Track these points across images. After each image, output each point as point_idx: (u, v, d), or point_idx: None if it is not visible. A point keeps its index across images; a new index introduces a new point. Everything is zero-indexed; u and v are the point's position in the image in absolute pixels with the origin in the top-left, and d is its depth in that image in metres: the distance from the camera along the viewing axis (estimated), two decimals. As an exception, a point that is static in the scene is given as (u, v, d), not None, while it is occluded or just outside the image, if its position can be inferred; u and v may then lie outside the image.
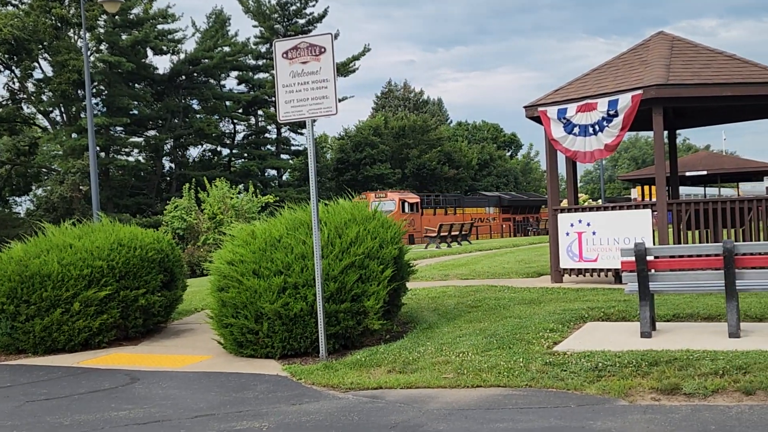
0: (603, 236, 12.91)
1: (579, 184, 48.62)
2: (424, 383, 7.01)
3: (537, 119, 13.60)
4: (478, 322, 9.62)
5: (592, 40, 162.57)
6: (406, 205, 44.81)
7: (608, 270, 13.02)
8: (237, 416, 6.34)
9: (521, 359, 7.32)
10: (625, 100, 12.24)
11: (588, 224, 13.09)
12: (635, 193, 44.13)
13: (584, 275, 13.42)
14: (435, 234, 31.83)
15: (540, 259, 18.44)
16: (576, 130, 12.81)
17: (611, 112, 12.39)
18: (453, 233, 32.74)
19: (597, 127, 12.57)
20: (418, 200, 47.00)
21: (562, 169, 14.80)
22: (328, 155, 65.95)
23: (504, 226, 55.31)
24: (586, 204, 17.62)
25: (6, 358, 9.85)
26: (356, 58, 59.51)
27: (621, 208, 13.17)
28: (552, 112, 13.12)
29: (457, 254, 25.18)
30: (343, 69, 58.42)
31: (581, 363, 6.99)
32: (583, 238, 13.11)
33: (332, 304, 8.63)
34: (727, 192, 48.50)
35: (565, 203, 15.70)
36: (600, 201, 54.54)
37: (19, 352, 10.02)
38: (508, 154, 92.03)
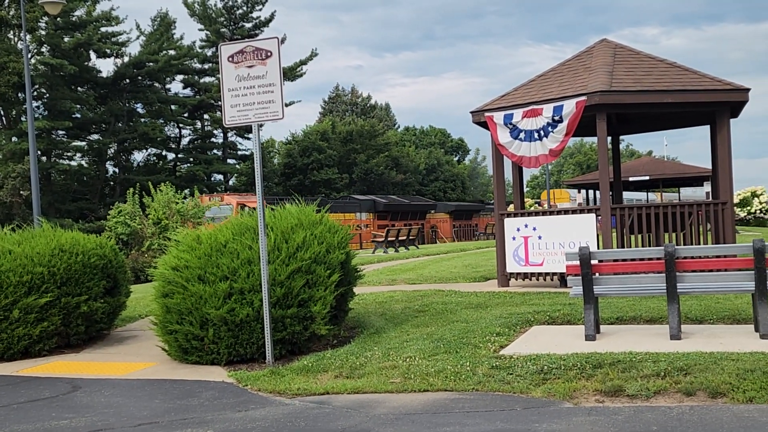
0: (549, 240, 13.05)
1: (525, 189, 48.54)
2: (371, 388, 6.99)
3: (484, 124, 13.71)
4: (425, 327, 9.65)
5: (538, 47, 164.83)
6: (247, 209, 36.57)
7: (554, 274, 13.17)
8: (181, 424, 6.25)
9: (468, 363, 7.36)
10: (569, 106, 12.41)
11: (534, 229, 13.22)
12: (581, 196, 44.66)
13: (530, 279, 13.55)
14: (383, 239, 31.86)
15: (487, 264, 18.59)
16: (522, 135, 12.95)
17: (556, 118, 12.55)
18: (400, 238, 32.81)
19: (542, 133, 12.72)
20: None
21: (509, 174, 14.94)
22: (275, 160, 65.57)
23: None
24: (531, 209, 17.81)
25: (-59, 368, 9.57)
26: (303, 62, 59.32)
27: (566, 212, 13.34)
28: (498, 117, 13.24)
29: (405, 259, 25.24)
30: (290, 73, 58.16)
31: (527, 366, 7.05)
32: (530, 242, 13.24)
33: (279, 309, 8.57)
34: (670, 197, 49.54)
35: (511, 208, 15.85)
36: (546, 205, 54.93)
37: (-44, 361, 9.75)
38: (456, 158, 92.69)
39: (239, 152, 61.56)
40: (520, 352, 7.71)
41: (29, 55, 32.36)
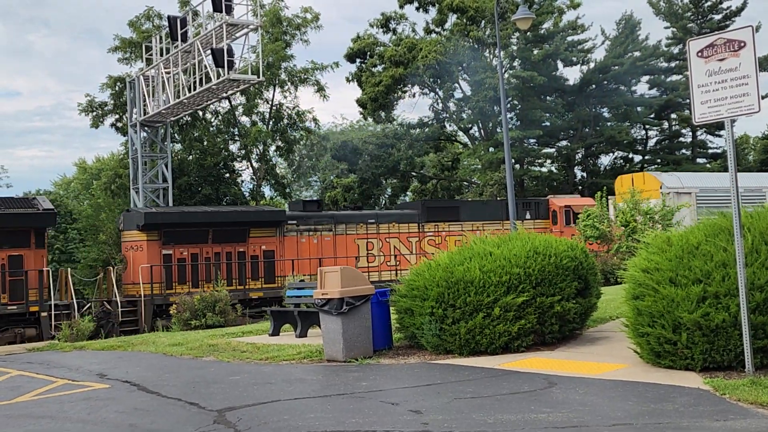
0: None
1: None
2: None
3: None
4: None
5: None
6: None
7: None
8: (656, 428, 6.20)
9: None
10: None
11: None
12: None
13: None
14: None
15: None
16: None
17: None
18: None
19: None
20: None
21: None
22: (750, 157, 61.18)
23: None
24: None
25: (435, 358, 10.71)
26: (782, 49, 54.49)
27: None
28: None
29: None
30: (766, 63, 53.84)
31: None
32: None
33: (758, 315, 8.04)
34: None
35: None
36: None
37: (447, 352, 10.81)
38: None
39: (709, 150, 58.63)
40: None
41: (503, 70, 34.67)
